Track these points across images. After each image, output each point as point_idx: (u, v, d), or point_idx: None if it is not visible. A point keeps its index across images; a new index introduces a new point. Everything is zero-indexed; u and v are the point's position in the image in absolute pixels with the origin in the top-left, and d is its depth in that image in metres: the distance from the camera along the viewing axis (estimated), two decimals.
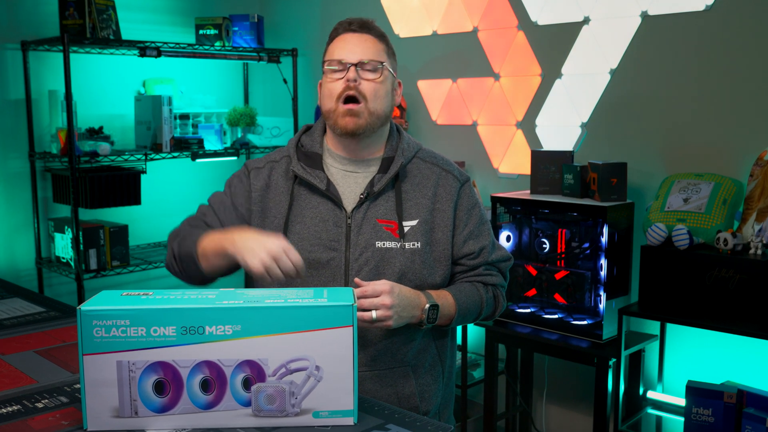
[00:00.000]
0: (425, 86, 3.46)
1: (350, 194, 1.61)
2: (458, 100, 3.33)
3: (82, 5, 3.04)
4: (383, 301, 1.44)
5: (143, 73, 3.58)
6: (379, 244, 1.56)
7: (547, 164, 2.76)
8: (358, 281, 1.48)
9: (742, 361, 2.53)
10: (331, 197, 1.59)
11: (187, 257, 1.57)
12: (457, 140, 3.35)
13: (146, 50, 3.22)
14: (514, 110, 3.15)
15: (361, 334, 1.51)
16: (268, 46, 3.91)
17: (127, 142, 3.50)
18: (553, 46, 2.98)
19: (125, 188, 3.21)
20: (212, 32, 3.60)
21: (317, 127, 1.70)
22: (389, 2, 3.53)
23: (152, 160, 3.33)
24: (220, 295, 1.26)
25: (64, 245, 3.21)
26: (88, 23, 3.04)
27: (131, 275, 3.42)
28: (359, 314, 1.41)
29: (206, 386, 1.21)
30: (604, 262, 2.54)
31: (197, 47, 3.50)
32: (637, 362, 2.70)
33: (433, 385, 1.63)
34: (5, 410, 1.33)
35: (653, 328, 2.72)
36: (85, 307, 1.19)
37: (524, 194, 2.80)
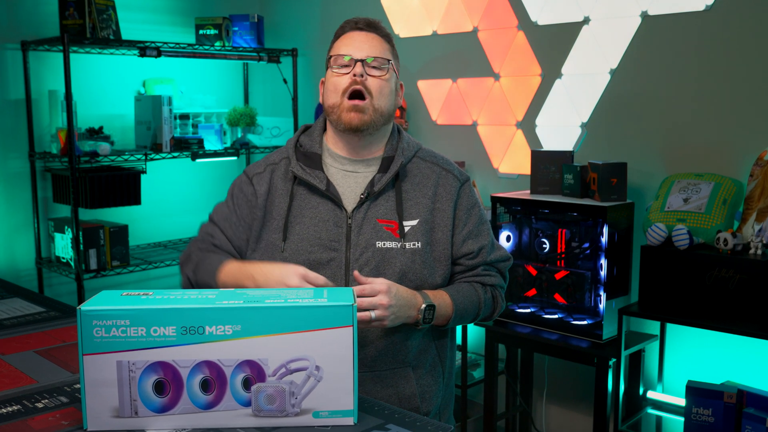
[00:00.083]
0: (425, 86, 3.46)
1: (350, 194, 1.60)
2: (458, 100, 3.33)
3: (82, 5, 3.04)
4: (380, 300, 1.44)
5: (143, 73, 3.58)
6: (379, 244, 1.55)
7: (547, 164, 2.76)
8: (357, 275, 1.47)
9: (742, 361, 2.53)
10: (331, 197, 1.58)
11: (206, 288, 1.58)
12: (457, 140, 3.35)
13: (146, 50, 3.22)
14: (514, 110, 3.15)
15: (361, 334, 1.51)
16: (268, 46, 3.91)
17: (127, 142, 3.50)
18: (553, 46, 2.98)
19: (125, 188, 3.21)
20: (212, 32, 3.60)
21: (316, 127, 1.69)
22: (389, 2, 3.53)
23: (152, 160, 3.33)
24: (220, 295, 1.26)
25: (64, 245, 3.20)
26: (88, 23, 3.04)
27: (131, 275, 3.42)
28: (358, 314, 1.41)
29: (206, 386, 1.21)
30: (604, 262, 2.54)
31: (197, 47, 3.50)
32: (637, 362, 2.70)
33: (433, 385, 1.63)
34: (5, 410, 1.33)
35: (653, 328, 2.72)
36: (85, 307, 1.19)
37: (524, 194, 2.80)
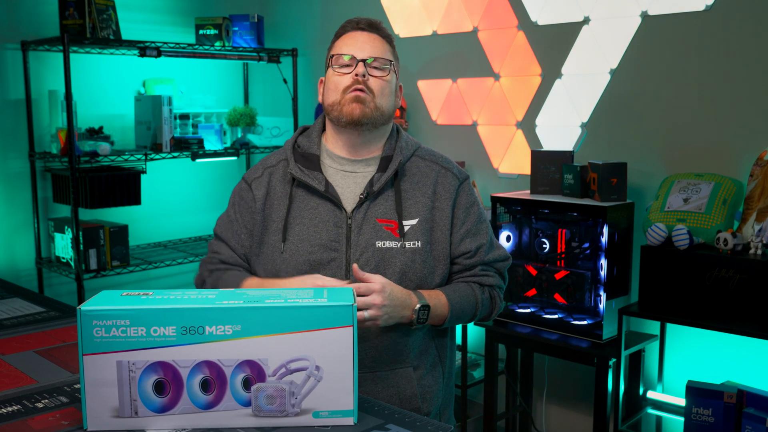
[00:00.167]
0: (425, 86, 3.46)
1: (349, 194, 1.60)
2: (458, 100, 3.33)
3: (82, 5, 3.04)
4: (374, 300, 1.44)
5: (143, 73, 3.58)
6: (379, 243, 1.55)
7: (547, 164, 2.76)
8: (355, 269, 1.47)
9: (742, 361, 2.53)
10: (330, 198, 1.58)
11: None
12: (457, 140, 3.35)
13: (146, 50, 3.22)
14: (514, 110, 3.14)
15: (362, 335, 1.51)
16: (268, 46, 3.91)
17: (127, 142, 3.50)
18: (553, 46, 2.98)
19: (125, 188, 3.21)
20: (212, 32, 3.60)
21: (315, 128, 1.69)
22: (389, 2, 3.53)
23: (152, 160, 3.33)
24: (220, 295, 1.26)
25: (64, 245, 3.20)
26: (88, 23, 3.04)
27: (131, 275, 3.42)
28: None
29: (206, 386, 1.21)
30: (604, 262, 2.53)
31: (197, 47, 3.49)
32: (637, 362, 2.70)
33: (434, 385, 1.63)
34: (5, 410, 1.33)
35: (653, 328, 2.72)
36: (85, 307, 1.19)
37: (524, 194, 2.80)
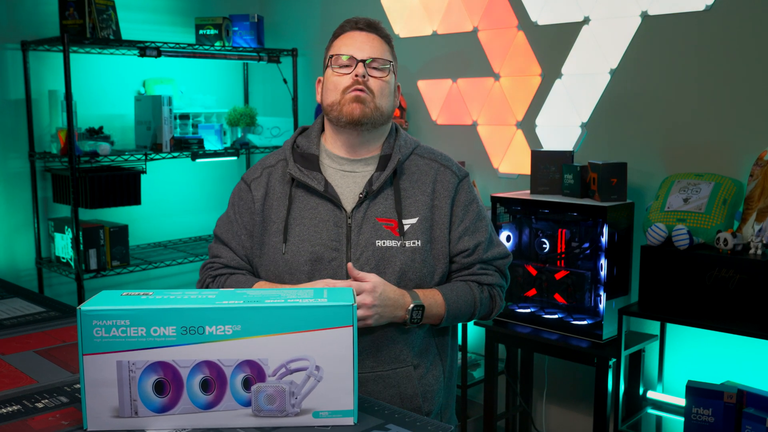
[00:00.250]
0: (425, 86, 3.46)
1: (349, 194, 1.60)
2: (458, 100, 3.33)
3: (82, 5, 3.04)
4: (363, 300, 1.44)
5: (143, 73, 3.58)
6: (379, 243, 1.55)
7: (547, 164, 2.76)
8: (350, 267, 1.47)
9: (742, 361, 2.53)
10: (329, 198, 1.58)
11: None
12: (457, 140, 3.35)
13: (146, 50, 3.22)
14: (514, 110, 3.14)
15: (363, 335, 1.51)
16: (268, 46, 3.91)
17: (127, 142, 3.50)
18: (553, 46, 2.98)
19: (125, 188, 3.21)
20: (212, 32, 3.60)
21: (314, 128, 1.69)
22: (389, 2, 3.53)
23: (152, 160, 3.33)
24: (220, 295, 1.26)
25: (64, 245, 3.20)
26: (88, 23, 3.04)
27: (131, 275, 3.42)
28: None
29: (206, 386, 1.21)
30: (604, 262, 2.53)
31: (197, 47, 3.49)
32: (637, 362, 2.70)
33: (435, 384, 1.63)
34: (5, 410, 1.33)
35: (653, 328, 2.72)
36: (85, 307, 1.19)
37: (524, 194, 2.80)
